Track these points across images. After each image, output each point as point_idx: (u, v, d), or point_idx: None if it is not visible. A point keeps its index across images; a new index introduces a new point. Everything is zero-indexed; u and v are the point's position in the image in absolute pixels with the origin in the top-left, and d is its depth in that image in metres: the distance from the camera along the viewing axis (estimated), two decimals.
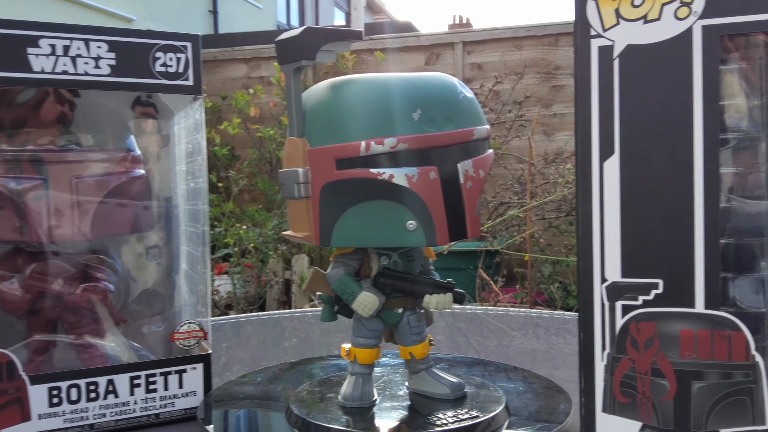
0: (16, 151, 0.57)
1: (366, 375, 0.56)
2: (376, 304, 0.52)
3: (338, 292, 0.54)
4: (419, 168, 0.48)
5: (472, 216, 0.50)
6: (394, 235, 0.49)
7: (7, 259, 0.59)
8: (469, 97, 0.53)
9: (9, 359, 0.53)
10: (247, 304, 2.97)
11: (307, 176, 0.50)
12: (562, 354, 0.82)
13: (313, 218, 0.51)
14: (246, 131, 3.58)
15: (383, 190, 0.48)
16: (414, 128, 0.48)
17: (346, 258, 0.54)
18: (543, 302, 2.72)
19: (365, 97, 0.49)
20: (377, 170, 0.48)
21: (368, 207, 0.49)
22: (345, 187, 0.49)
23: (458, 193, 0.49)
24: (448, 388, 0.56)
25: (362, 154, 0.48)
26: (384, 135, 0.48)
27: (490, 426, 0.52)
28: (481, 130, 0.52)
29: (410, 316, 0.56)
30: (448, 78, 0.53)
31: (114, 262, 0.62)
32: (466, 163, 0.50)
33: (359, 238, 0.50)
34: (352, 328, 0.56)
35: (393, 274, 0.53)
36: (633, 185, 0.41)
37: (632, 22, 0.40)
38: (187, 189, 0.65)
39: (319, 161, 0.50)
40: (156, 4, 8.22)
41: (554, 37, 3.53)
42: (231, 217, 3.13)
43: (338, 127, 0.49)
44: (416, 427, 0.51)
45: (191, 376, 0.60)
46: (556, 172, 2.85)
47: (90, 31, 0.56)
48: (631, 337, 0.41)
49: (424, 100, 0.49)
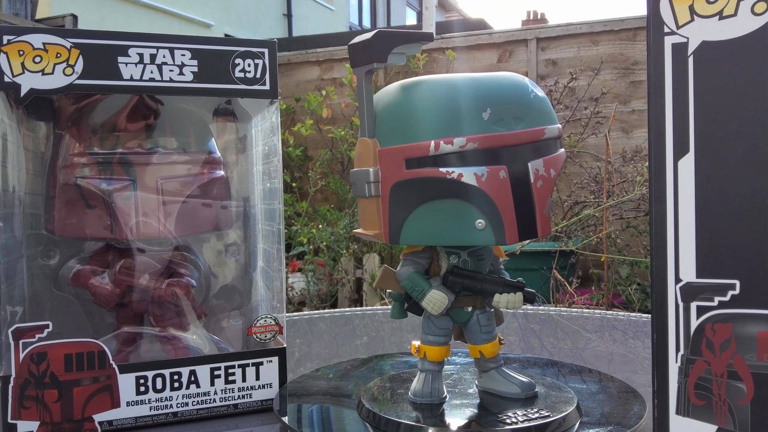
0: (107, 154, 0.60)
1: (435, 372, 0.57)
2: (445, 302, 0.53)
3: (408, 290, 0.55)
4: (489, 167, 0.48)
5: (542, 215, 0.50)
6: (462, 233, 0.50)
7: (98, 255, 0.63)
8: (540, 97, 0.53)
9: (101, 349, 0.57)
10: (319, 302, 3.03)
11: (377, 176, 0.51)
12: (640, 358, 0.80)
13: (383, 217, 0.52)
14: (318, 132, 3.64)
15: (452, 189, 0.49)
16: (483, 128, 0.49)
17: (416, 256, 0.55)
18: (620, 304, 2.65)
19: (434, 97, 0.50)
20: (446, 169, 0.48)
21: (437, 206, 0.50)
22: (414, 186, 0.50)
23: (528, 193, 0.49)
24: (518, 387, 0.56)
25: (431, 153, 0.48)
26: (453, 134, 0.48)
27: (561, 426, 0.51)
28: (552, 129, 0.52)
29: (480, 314, 0.56)
30: (519, 77, 0.53)
31: (196, 259, 0.66)
32: (537, 163, 0.50)
33: (428, 236, 0.51)
34: (421, 326, 0.57)
35: (462, 273, 0.54)
36: (708, 184, 0.40)
37: (707, 19, 0.40)
38: (264, 189, 0.68)
39: (389, 161, 0.51)
40: (233, 10, 8.47)
41: (632, 32, 3.42)
42: (304, 216, 3.20)
43: (407, 128, 0.50)
44: (485, 425, 0.51)
45: (267, 369, 0.62)
46: (635, 170, 2.77)
47: (174, 40, 0.60)
48: (706, 338, 0.41)
49: (493, 100, 0.50)
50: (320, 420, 0.58)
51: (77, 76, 0.56)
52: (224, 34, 8.04)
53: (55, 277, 0.62)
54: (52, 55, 0.56)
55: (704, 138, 0.40)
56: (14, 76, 0.55)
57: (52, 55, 0.56)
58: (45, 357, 0.55)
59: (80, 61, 0.56)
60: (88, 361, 0.56)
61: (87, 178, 0.59)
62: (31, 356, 0.55)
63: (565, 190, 3.09)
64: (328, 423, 0.58)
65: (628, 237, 2.82)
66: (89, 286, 0.61)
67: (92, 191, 0.59)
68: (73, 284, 0.61)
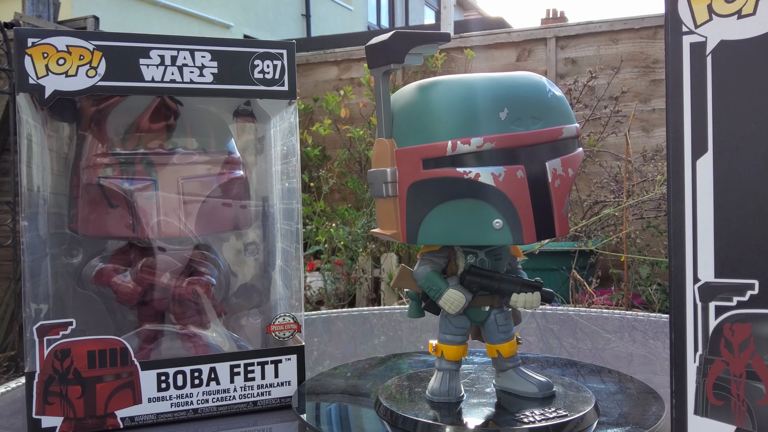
0: (129, 154, 0.61)
1: (453, 371, 0.57)
2: (462, 302, 0.53)
3: (425, 289, 0.55)
4: (506, 167, 0.48)
5: (560, 215, 0.50)
6: (480, 233, 0.50)
7: (121, 253, 0.64)
8: (558, 96, 0.53)
9: (123, 346, 0.58)
10: (337, 301, 3.04)
11: (394, 176, 0.52)
12: (661, 358, 0.79)
13: (400, 216, 0.52)
14: (336, 132, 3.65)
15: (469, 189, 0.49)
16: (501, 127, 0.49)
17: (433, 255, 0.55)
18: (640, 305, 2.63)
19: (451, 97, 0.50)
20: (463, 169, 0.48)
21: (454, 205, 0.50)
22: (431, 186, 0.50)
23: (546, 192, 0.49)
24: (536, 387, 0.56)
25: (448, 153, 0.49)
26: (470, 134, 0.48)
27: (579, 426, 0.51)
28: (570, 129, 0.52)
29: (497, 314, 0.56)
30: (536, 77, 0.53)
31: (216, 258, 0.66)
32: (555, 162, 0.50)
33: (445, 236, 0.51)
34: (439, 325, 0.57)
35: (479, 272, 0.54)
36: (727, 183, 0.40)
37: (726, 18, 0.39)
38: (282, 189, 0.68)
39: (406, 161, 0.51)
40: (252, 11, 8.51)
41: (653, 30, 3.39)
42: (322, 215, 3.21)
43: (425, 128, 0.50)
44: (502, 424, 0.51)
45: (286, 367, 0.63)
46: (655, 170, 2.74)
47: (194, 42, 0.60)
48: (724, 338, 0.40)
49: (510, 99, 0.50)
50: (338, 418, 0.59)
51: (100, 78, 0.57)
52: (243, 34, 8.09)
53: (78, 276, 0.63)
54: (75, 58, 0.57)
55: (723, 137, 0.40)
56: (39, 78, 0.56)
57: (75, 57, 0.57)
58: (69, 354, 0.56)
59: (103, 63, 0.57)
60: (111, 358, 0.57)
61: (109, 178, 0.60)
62: (55, 353, 0.56)
63: (585, 190, 3.07)
64: (346, 421, 0.58)
65: (649, 237, 2.80)
66: (111, 284, 0.62)
67: (114, 191, 0.60)
68: (95, 282, 0.62)
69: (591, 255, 2.61)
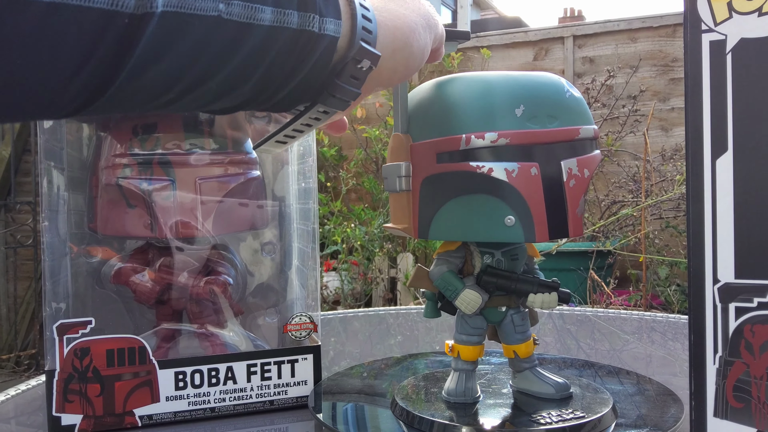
0: (147, 155, 0.62)
1: (469, 371, 0.57)
2: (479, 302, 0.53)
3: (441, 289, 0.55)
4: (520, 163, 0.48)
5: (574, 215, 0.50)
6: (491, 229, 0.50)
7: (139, 253, 0.64)
8: (576, 97, 0.52)
9: (141, 345, 0.58)
10: (354, 300, 3.04)
11: (408, 170, 0.52)
12: (680, 360, 0.78)
13: (413, 211, 0.52)
14: (353, 132, 3.66)
15: (482, 184, 0.49)
16: (516, 124, 0.49)
17: (450, 255, 0.55)
18: (659, 306, 2.60)
19: (468, 92, 0.50)
20: (477, 164, 0.48)
21: (467, 201, 0.50)
22: (444, 180, 0.50)
23: (560, 191, 0.49)
24: (552, 388, 0.56)
25: (462, 147, 0.49)
26: (485, 129, 0.48)
27: (597, 428, 0.51)
28: (587, 130, 0.52)
29: (514, 314, 0.56)
30: (555, 77, 0.53)
31: (233, 257, 0.67)
32: (570, 162, 0.50)
33: (457, 231, 0.51)
34: (455, 325, 0.57)
35: (496, 272, 0.54)
36: (747, 183, 0.39)
37: (746, 15, 0.39)
38: (299, 189, 0.69)
39: (421, 155, 0.51)
40: None
41: (671, 28, 3.36)
42: (339, 215, 3.21)
43: (440, 122, 0.51)
44: (519, 425, 0.51)
45: (302, 366, 0.63)
46: (674, 169, 2.72)
47: None
48: (745, 340, 0.40)
49: (527, 97, 0.49)
50: (354, 417, 0.59)
51: None
52: None
53: (98, 275, 0.63)
54: None
55: (743, 136, 0.39)
56: None
57: None
58: (88, 352, 0.57)
59: None
60: (129, 357, 0.58)
61: (128, 179, 0.61)
62: (74, 351, 0.56)
63: (603, 190, 3.05)
64: (362, 421, 0.58)
65: (668, 237, 2.77)
66: (130, 283, 0.63)
67: (133, 191, 0.60)
68: (114, 282, 0.63)
69: (609, 255, 2.59)
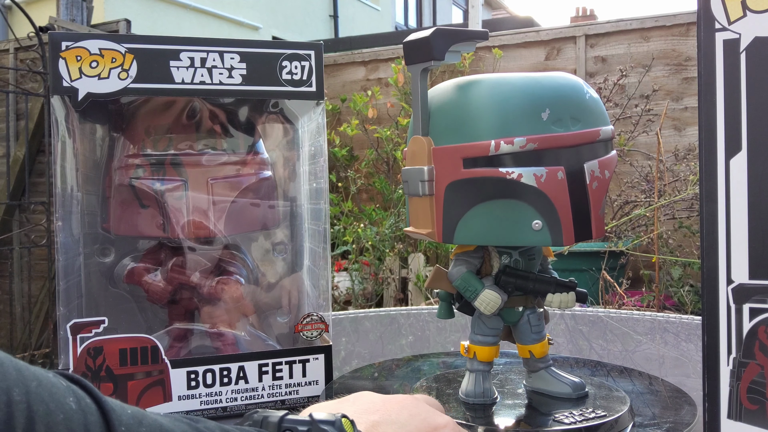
0: (160, 155, 0.62)
1: (485, 372, 0.56)
2: (498, 302, 0.53)
3: (460, 290, 0.54)
4: (548, 168, 0.48)
5: (597, 216, 0.50)
6: (518, 234, 0.50)
7: (151, 253, 0.65)
8: (595, 98, 0.52)
9: (154, 344, 0.58)
10: (365, 301, 3.04)
11: (431, 174, 0.51)
12: (693, 361, 0.78)
13: (437, 215, 0.52)
14: (364, 132, 3.66)
15: (510, 190, 0.49)
16: (543, 128, 0.49)
17: (468, 256, 0.55)
18: (672, 306, 2.58)
19: (493, 97, 0.50)
20: (506, 170, 0.48)
21: (493, 206, 0.50)
22: (471, 185, 0.50)
23: (584, 194, 0.49)
24: (569, 387, 0.55)
25: (491, 153, 0.48)
26: (513, 135, 0.48)
27: (615, 427, 0.51)
28: (606, 131, 0.52)
29: (530, 314, 0.56)
30: (574, 78, 0.53)
31: (245, 257, 0.67)
32: (593, 164, 0.50)
33: (483, 236, 0.51)
34: (471, 326, 0.57)
35: (515, 273, 0.54)
36: (762, 182, 0.39)
37: (760, 14, 0.38)
38: (310, 189, 0.69)
39: (445, 160, 0.51)
40: (280, 13, 8.57)
41: (684, 27, 3.33)
42: (350, 215, 3.22)
43: (465, 127, 0.50)
44: (543, 425, 0.51)
45: (314, 366, 0.63)
46: (687, 169, 2.69)
47: (223, 44, 0.61)
48: (759, 341, 0.40)
49: (552, 100, 0.49)
50: None
51: (131, 80, 0.58)
52: (272, 36, 8.16)
53: (111, 275, 0.64)
54: (107, 60, 0.58)
55: (757, 136, 0.39)
56: (72, 80, 0.57)
57: (107, 60, 0.58)
58: (101, 351, 0.57)
59: (134, 66, 0.58)
60: (142, 356, 0.58)
61: (141, 179, 0.61)
62: (88, 350, 0.57)
63: (615, 190, 3.03)
64: None
65: (681, 237, 2.75)
66: (143, 283, 0.63)
67: (146, 191, 0.61)
68: (127, 281, 0.63)
69: (621, 256, 2.57)
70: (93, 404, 0.27)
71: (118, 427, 0.27)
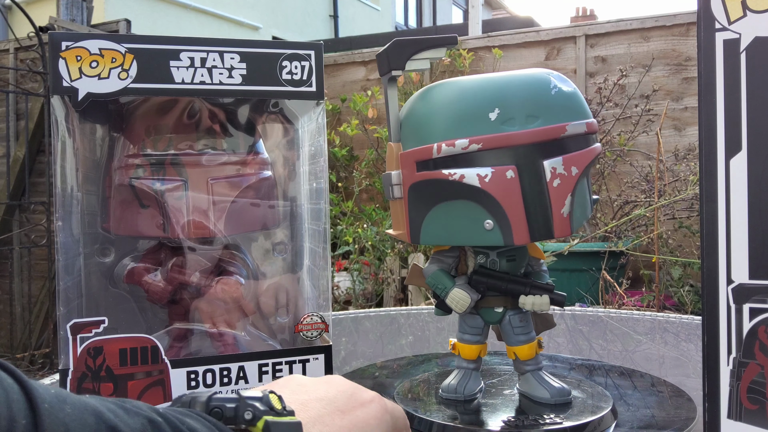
0: (160, 155, 0.62)
1: (468, 369, 0.57)
2: (467, 301, 0.53)
3: (432, 287, 0.56)
4: (494, 167, 0.48)
5: (559, 215, 0.49)
6: (473, 234, 0.50)
7: (152, 253, 0.65)
8: (566, 92, 0.51)
9: (154, 344, 0.58)
10: (365, 300, 3.04)
11: (399, 178, 0.53)
12: (693, 361, 0.78)
13: (405, 218, 0.54)
14: (364, 132, 3.66)
15: (459, 191, 0.49)
16: (490, 128, 0.49)
17: (442, 255, 0.56)
18: (672, 306, 2.58)
19: (442, 100, 0.51)
20: (448, 171, 0.49)
21: (449, 207, 0.51)
22: (426, 188, 0.51)
23: (542, 192, 0.49)
24: (548, 392, 0.55)
25: (434, 156, 0.50)
26: (456, 137, 0.49)
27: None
28: (577, 126, 0.50)
29: (512, 315, 0.55)
30: (542, 74, 0.52)
31: (245, 257, 0.67)
32: (555, 161, 0.49)
33: (443, 236, 0.52)
34: (458, 324, 0.57)
35: (487, 273, 0.54)
36: (762, 182, 0.39)
37: (760, 14, 0.39)
38: (310, 189, 0.69)
39: (406, 164, 0.53)
40: (280, 13, 8.58)
41: (685, 27, 3.34)
42: (350, 216, 3.22)
43: (418, 131, 0.52)
44: (480, 424, 0.51)
45: (314, 366, 0.63)
46: (687, 169, 2.70)
47: (224, 44, 0.61)
48: (759, 341, 0.40)
49: (502, 100, 0.49)
50: None
51: (131, 80, 0.58)
52: (272, 36, 8.16)
53: (111, 275, 0.64)
54: (107, 60, 0.58)
55: (757, 136, 0.39)
56: (72, 80, 0.57)
57: (107, 60, 0.58)
58: (101, 351, 0.57)
59: (134, 66, 0.58)
60: (142, 356, 0.58)
61: (141, 179, 0.61)
62: (88, 350, 0.57)
63: (615, 190, 3.04)
64: None
65: (681, 237, 2.75)
66: (143, 283, 0.63)
67: (146, 191, 0.61)
68: (127, 281, 0.63)
69: (621, 256, 2.57)
70: (15, 384, 0.28)
71: (41, 404, 0.28)
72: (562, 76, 0.53)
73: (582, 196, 0.51)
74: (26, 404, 0.27)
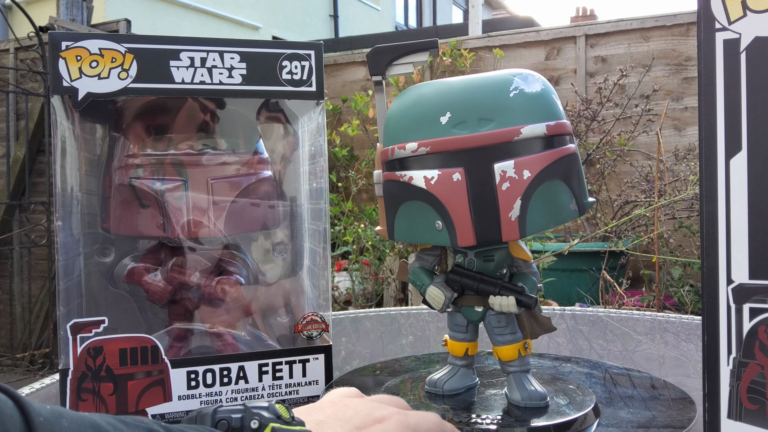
0: (160, 155, 0.62)
1: (456, 366, 0.58)
2: (441, 298, 0.54)
3: (412, 284, 0.57)
4: (441, 170, 0.49)
5: (508, 218, 0.48)
6: (427, 233, 0.51)
7: (152, 253, 0.65)
8: (528, 93, 0.50)
9: (154, 344, 0.58)
10: (365, 300, 3.04)
11: (379, 177, 0.55)
12: (693, 361, 0.78)
13: (385, 215, 0.55)
14: (364, 132, 3.66)
15: (411, 192, 0.51)
16: (439, 132, 0.50)
17: (424, 253, 0.57)
18: (672, 306, 2.58)
19: (401, 105, 0.53)
20: (400, 173, 0.51)
21: (410, 207, 0.52)
22: (390, 188, 0.54)
23: (491, 195, 0.48)
24: (519, 395, 0.54)
25: (390, 158, 0.52)
26: (407, 140, 0.51)
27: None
28: (534, 128, 0.49)
29: (492, 315, 0.55)
30: (504, 76, 0.51)
31: (245, 257, 0.67)
32: (506, 164, 0.48)
33: (407, 235, 0.53)
34: None
35: (461, 272, 0.55)
36: (762, 182, 0.39)
37: (760, 14, 0.38)
38: (310, 189, 0.69)
39: (379, 164, 0.56)
40: (280, 13, 8.58)
41: (685, 27, 3.34)
42: (350, 215, 3.22)
43: (386, 134, 0.54)
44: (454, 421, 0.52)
45: (314, 366, 0.63)
46: (688, 169, 2.70)
47: (224, 44, 0.61)
48: (759, 341, 0.40)
49: (455, 103, 0.50)
50: None
51: (131, 80, 0.58)
52: (272, 36, 8.16)
53: (111, 275, 0.64)
54: (107, 60, 0.58)
55: (757, 136, 0.39)
56: (72, 80, 0.57)
57: (107, 59, 0.58)
58: (101, 351, 0.57)
59: (134, 66, 0.58)
60: (142, 356, 0.58)
61: (141, 179, 0.61)
62: (88, 350, 0.57)
63: (615, 190, 3.04)
64: None
65: (681, 237, 2.75)
66: (143, 283, 0.63)
67: (146, 191, 0.61)
68: (127, 281, 0.63)
69: (621, 256, 2.57)
70: (9, 400, 0.28)
71: (36, 418, 0.28)
72: (535, 77, 0.51)
73: (549, 200, 0.50)
74: (21, 418, 0.27)
